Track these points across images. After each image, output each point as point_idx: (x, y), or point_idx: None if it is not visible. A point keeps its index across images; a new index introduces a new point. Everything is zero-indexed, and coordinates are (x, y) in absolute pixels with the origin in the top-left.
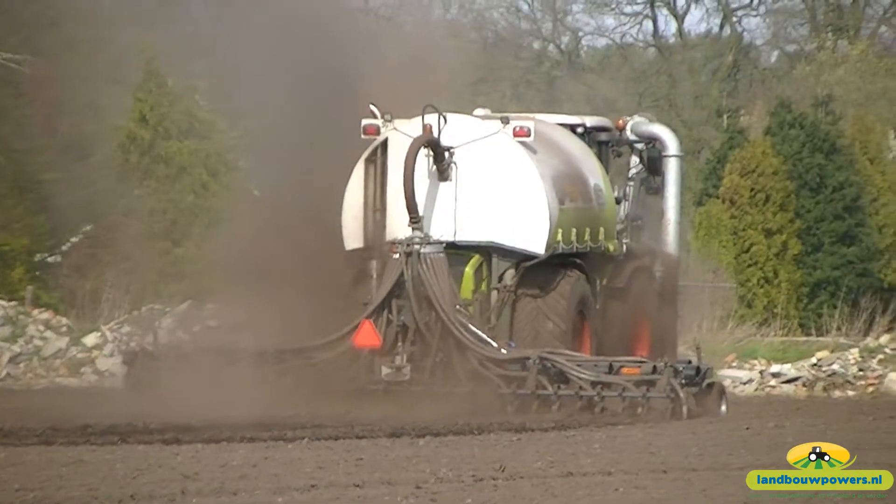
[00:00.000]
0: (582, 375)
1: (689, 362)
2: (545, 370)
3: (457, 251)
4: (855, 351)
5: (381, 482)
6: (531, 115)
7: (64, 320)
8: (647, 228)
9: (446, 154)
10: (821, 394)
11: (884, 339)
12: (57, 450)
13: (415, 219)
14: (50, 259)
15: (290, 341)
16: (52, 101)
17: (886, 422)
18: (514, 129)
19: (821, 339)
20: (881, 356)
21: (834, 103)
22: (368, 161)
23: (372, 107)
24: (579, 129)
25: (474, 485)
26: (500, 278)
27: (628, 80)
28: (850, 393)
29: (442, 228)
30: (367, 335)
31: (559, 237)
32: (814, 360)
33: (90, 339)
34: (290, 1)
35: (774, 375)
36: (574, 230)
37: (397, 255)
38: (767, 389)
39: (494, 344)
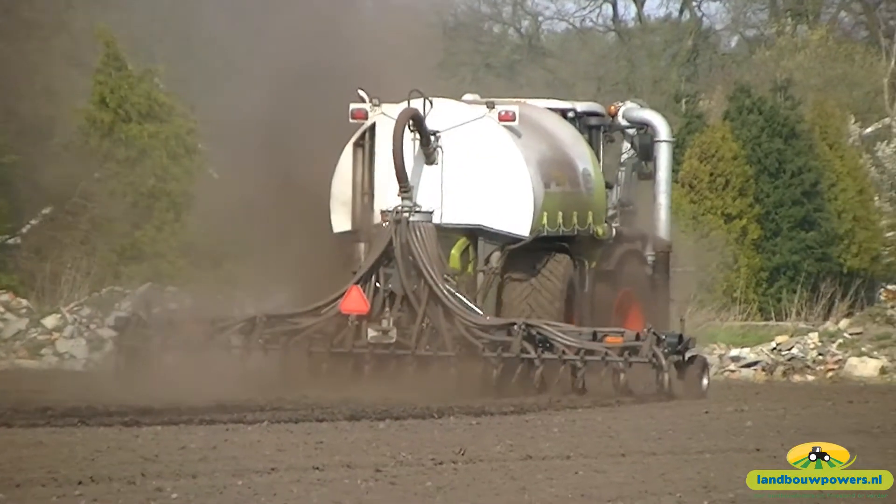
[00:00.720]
0: (566, 341)
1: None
2: (530, 336)
3: (444, 234)
4: (814, 335)
5: (341, 465)
6: (522, 100)
7: (24, 302)
8: (640, 213)
9: (432, 138)
10: (780, 378)
11: (843, 323)
12: (16, 432)
13: (405, 188)
14: (10, 241)
15: (279, 308)
16: (11, 84)
17: (845, 406)
18: (500, 113)
19: (780, 323)
20: (840, 341)
21: (793, 88)
22: (357, 145)
23: (360, 91)
24: (570, 115)
25: (434, 468)
26: (487, 261)
27: (588, 65)
28: (810, 377)
29: (437, 212)
30: (355, 301)
31: (544, 220)
32: (773, 344)
33: (50, 321)
34: None
35: (734, 360)
36: (560, 214)
37: (387, 224)
38: (727, 374)
39: (480, 312)
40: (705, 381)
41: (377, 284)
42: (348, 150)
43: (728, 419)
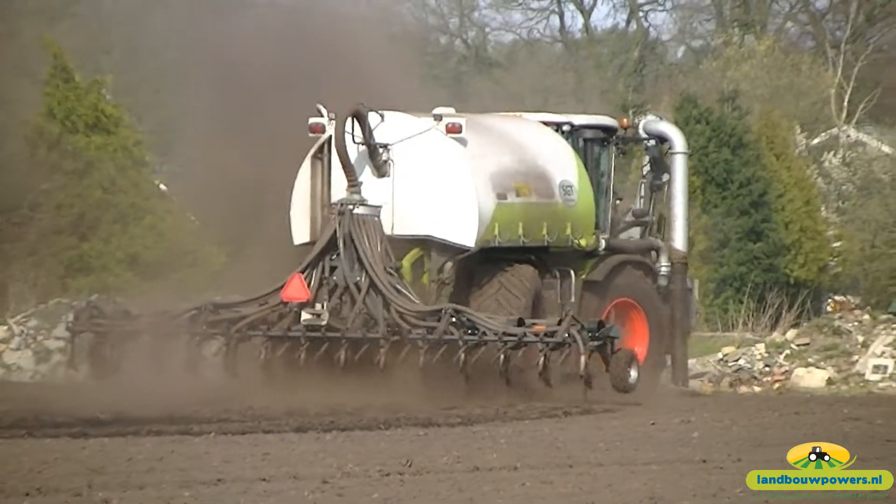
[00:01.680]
0: (488, 326)
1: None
2: (460, 322)
3: (397, 245)
4: (761, 346)
5: (288, 476)
6: (518, 114)
7: None
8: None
9: (381, 150)
10: (727, 389)
11: (790, 334)
12: None
13: (352, 182)
14: None
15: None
16: None
17: (792, 417)
18: (447, 125)
19: (727, 334)
20: (787, 352)
21: (740, 98)
22: (315, 158)
23: (319, 106)
24: (565, 128)
25: (381, 479)
26: (440, 271)
27: (535, 76)
28: (757, 389)
29: (389, 222)
30: (296, 289)
31: (496, 231)
32: (720, 355)
33: None
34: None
35: None
36: (521, 224)
37: (332, 216)
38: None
39: (418, 301)
40: (633, 374)
41: (321, 275)
42: (307, 163)
43: (675, 430)
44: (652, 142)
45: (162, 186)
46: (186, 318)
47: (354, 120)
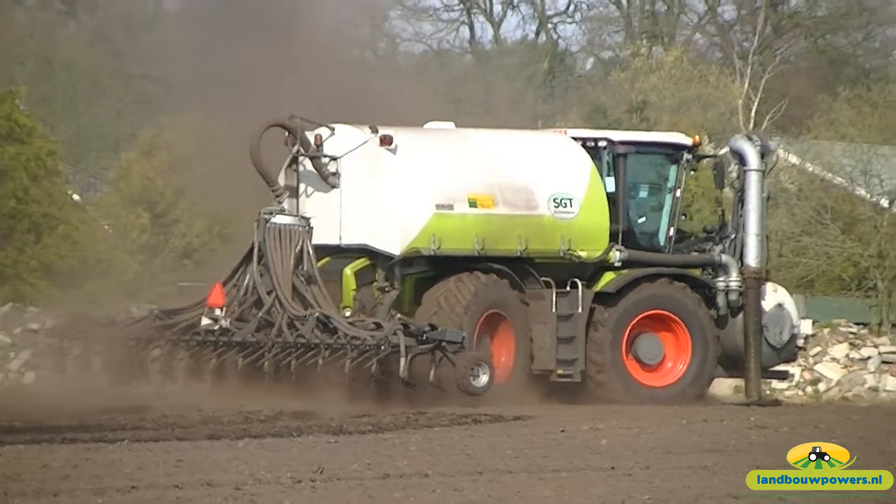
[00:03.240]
0: (341, 329)
1: None
2: (325, 326)
3: (345, 254)
4: None
5: (201, 483)
6: (562, 130)
7: None
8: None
9: (329, 161)
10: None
11: None
12: None
13: (275, 192)
14: None
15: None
16: None
17: (700, 425)
18: (381, 137)
19: None
20: None
21: (649, 109)
22: (287, 168)
23: (293, 118)
24: (601, 143)
25: (293, 486)
26: (386, 278)
27: (445, 86)
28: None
29: (332, 232)
30: (215, 295)
31: (431, 241)
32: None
33: None
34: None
35: None
36: (478, 235)
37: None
38: None
39: (317, 309)
40: (483, 379)
41: (238, 282)
42: (282, 174)
43: (583, 437)
44: (733, 159)
45: (75, 196)
46: (133, 324)
47: (288, 133)
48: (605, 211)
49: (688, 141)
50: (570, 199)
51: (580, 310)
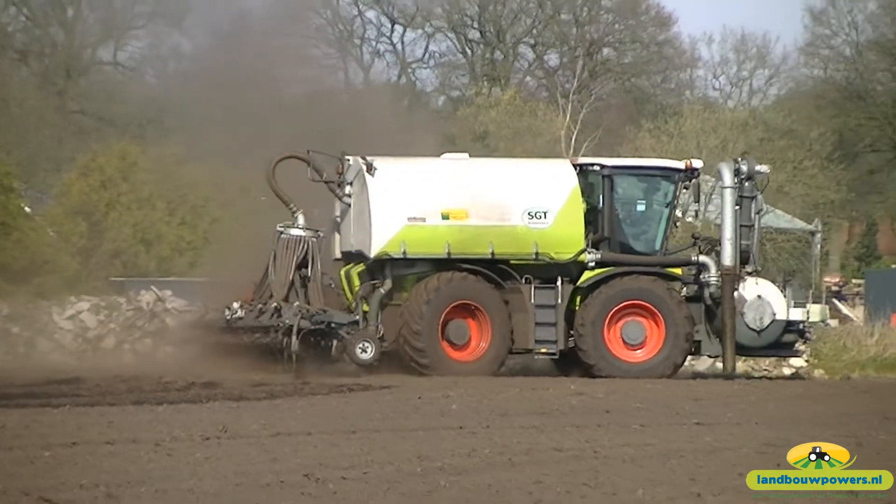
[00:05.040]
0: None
1: None
2: (278, 313)
3: (356, 259)
4: None
5: (128, 441)
6: (564, 160)
7: None
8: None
9: (344, 186)
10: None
11: None
12: None
13: (290, 209)
14: None
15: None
16: None
17: (530, 392)
18: (366, 165)
19: None
20: None
21: (489, 138)
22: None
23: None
24: (595, 167)
25: (202, 442)
26: (374, 277)
27: (325, 121)
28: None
29: (350, 241)
30: (247, 292)
31: (401, 246)
32: None
33: None
34: None
35: None
36: (449, 242)
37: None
38: None
39: (295, 305)
40: (369, 352)
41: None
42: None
43: (437, 403)
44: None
45: (27, 209)
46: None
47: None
48: (581, 221)
49: (681, 165)
50: (546, 212)
51: (559, 301)
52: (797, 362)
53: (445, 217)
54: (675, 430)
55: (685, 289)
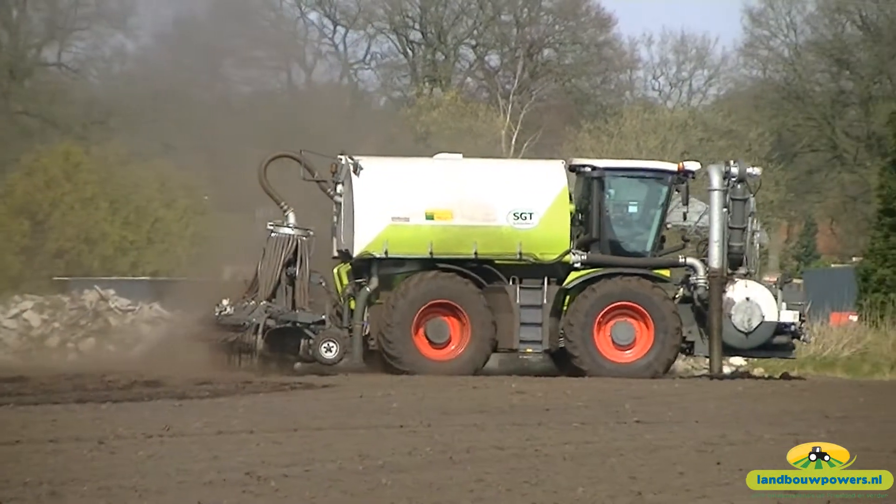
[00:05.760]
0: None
1: None
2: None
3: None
4: None
5: (72, 439)
6: (561, 160)
7: None
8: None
9: (335, 185)
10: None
11: None
12: None
13: (282, 208)
14: None
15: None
16: None
17: (471, 391)
18: (353, 166)
19: None
20: None
21: (431, 138)
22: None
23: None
24: (586, 169)
25: (146, 440)
26: (360, 276)
27: (266, 123)
28: None
29: (341, 240)
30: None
31: (384, 246)
32: None
33: None
34: None
35: None
36: (432, 242)
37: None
38: None
39: (262, 304)
40: (333, 351)
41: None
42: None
43: (378, 402)
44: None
45: None
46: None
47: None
48: (566, 223)
49: (673, 167)
50: (531, 213)
51: (545, 301)
52: (737, 361)
53: (430, 217)
54: (616, 429)
55: (680, 290)
